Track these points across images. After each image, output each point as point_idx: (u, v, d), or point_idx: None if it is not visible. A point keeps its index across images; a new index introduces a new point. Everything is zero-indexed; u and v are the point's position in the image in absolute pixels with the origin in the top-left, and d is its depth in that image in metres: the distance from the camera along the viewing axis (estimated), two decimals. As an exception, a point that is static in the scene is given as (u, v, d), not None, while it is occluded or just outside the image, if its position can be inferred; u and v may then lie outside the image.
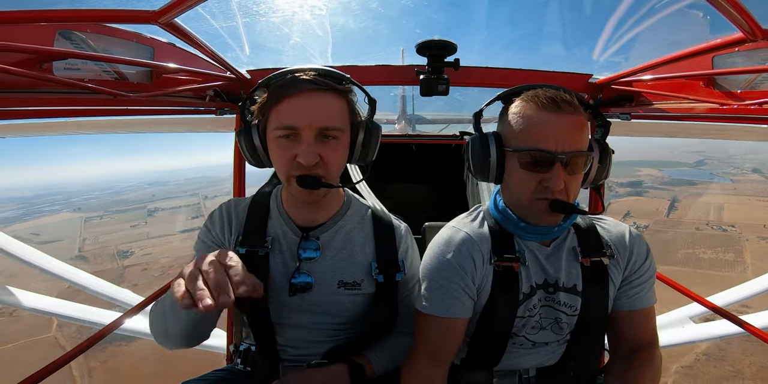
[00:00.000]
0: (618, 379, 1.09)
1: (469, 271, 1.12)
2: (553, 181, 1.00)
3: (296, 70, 1.06)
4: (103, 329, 1.43)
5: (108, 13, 0.90)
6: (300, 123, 1.02)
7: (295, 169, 1.06)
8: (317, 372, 1.14)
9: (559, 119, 1.00)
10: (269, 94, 1.06)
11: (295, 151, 1.04)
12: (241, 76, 1.89)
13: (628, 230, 1.22)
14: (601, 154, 1.12)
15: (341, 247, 1.22)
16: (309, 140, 1.03)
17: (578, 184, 1.07)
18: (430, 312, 1.12)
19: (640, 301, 1.16)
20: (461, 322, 1.13)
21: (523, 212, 1.12)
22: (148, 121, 2.64)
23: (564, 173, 1.01)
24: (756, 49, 1.23)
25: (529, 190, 1.05)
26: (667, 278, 1.85)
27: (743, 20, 0.77)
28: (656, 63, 1.37)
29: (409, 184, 3.40)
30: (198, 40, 1.17)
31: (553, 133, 1.00)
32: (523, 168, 1.05)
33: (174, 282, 0.81)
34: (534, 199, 1.06)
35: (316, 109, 1.04)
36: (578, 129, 1.02)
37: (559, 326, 1.17)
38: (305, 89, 1.03)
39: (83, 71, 1.25)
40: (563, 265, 1.15)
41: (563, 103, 1.00)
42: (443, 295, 1.11)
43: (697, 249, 49.12)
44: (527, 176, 1.05)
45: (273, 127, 1.05)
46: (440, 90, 1.86)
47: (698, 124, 2.24)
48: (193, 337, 1.07)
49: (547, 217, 1.07)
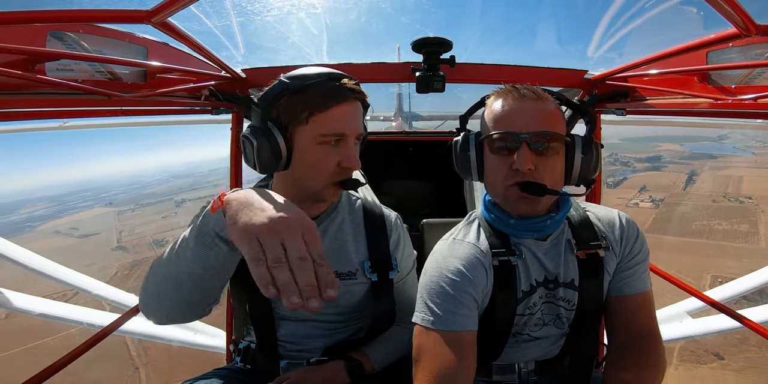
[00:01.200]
0: (616, 376, 1.07)
1: (480, 280, 1.10)
2: (521, 162, 1.01)
3: (329, 75, 1.05)
4: (103, 329, 1.44)
5: (100, 13, 0.89)
6: (349, 130, 1.06)
7: (337, 174, 1.09)
8: (316, 370, 1.15)
9: (523, 105, 1.04)
10: (308, 99, 1.02)
11: (339, 156, 1.07)
12: (236, 75, 1.88)
13: (618, 215, 1.22)
14: (585, 147, 1.10)
15: (334, 237, 1.23)
16: (352, 146, 1.08)
17: (554, 168, 1.06)
18: (442, 327, 1.03)
19: (630, 286, 1.15)
20: (473, 336, 1.07)
21: (501, 202, 1.13)
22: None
23: (531, 154, 1.02)
24: (750, 45, 1.23)
25: (501, 176, 1.07)
26: (664, 272, 1.86)
27: (736, 15, 0.77)
28: (651, 58, 1.37)
29: (407, 181, 3.41)
30: (192, 40, 1.16)
31: (517, 116, 1.04)
32: (493, 154, 1.08)
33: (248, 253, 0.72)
34: (507, 186, 1.06)
35: (357, 117, 1.10)
36: (544, 114, 1.04)
37: (560, 321, 1.18)
38: (351, 98, 1.06)
39: (76, 72, 1.24)
40: (562, 260, 1.15)
41: (527, 91, 1.05)
42: (456, 307, 1.05)
43: (713, 220, 49.30)
44: (498, 162, 1.07)
45: (317, 132, 1.04)
46: (436, 87, 1.86)
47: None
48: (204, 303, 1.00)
49: (521, 204, 1.07)
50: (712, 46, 1.27)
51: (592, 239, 1.16)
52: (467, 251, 1.14)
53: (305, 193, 1.13)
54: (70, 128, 3.41)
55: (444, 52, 1.83)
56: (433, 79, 1.85)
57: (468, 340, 1.05)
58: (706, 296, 1.85)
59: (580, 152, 1.09)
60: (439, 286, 1.08)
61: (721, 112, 1.51)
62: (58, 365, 1.26)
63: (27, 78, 1.04)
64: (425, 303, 1.08)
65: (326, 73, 1.05)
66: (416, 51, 1.83)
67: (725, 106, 1.33)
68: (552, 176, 1.06)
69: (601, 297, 1.15)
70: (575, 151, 1.09)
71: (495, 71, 2.00)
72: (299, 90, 1.02)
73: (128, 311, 1.64)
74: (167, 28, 0.95)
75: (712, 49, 1.33)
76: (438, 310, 1.05)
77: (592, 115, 1.15)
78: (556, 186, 1.07)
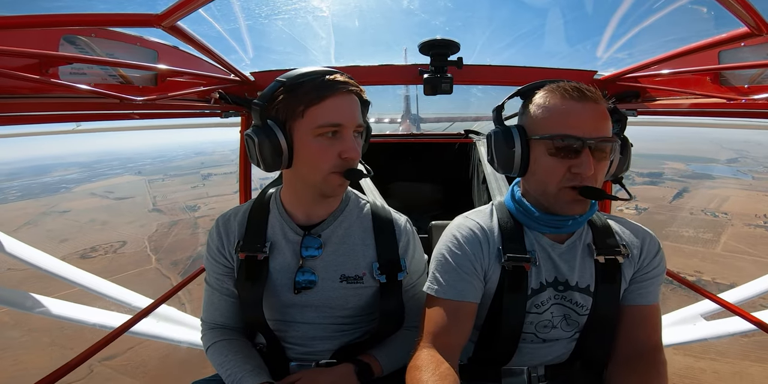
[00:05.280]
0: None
1: (478, 256, 1.14)
2: (584, 167, 0.99)
3: (324, 71, 1.08)
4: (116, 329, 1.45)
5: (111, 18, 0.90)
6: (345, 121, 1.07)
7: (339, 165, 1.09)
8: (325, 372, 1.15)
9: (585, 107, 1.01)
10: (303, 94, 1.05)
11: (338, 148, 1.07)
12: (245, 79, 1.90)
13: (642, 228, 1.22)
14: (621, 145, 1.12)
15: (341, 242, 1.23)
16: (351, 137, 1.09)
17: (604, 172, 1.07)
18: (442, 295, 1.11)
19: (643, 297, 1.14)
20: (472, 308, 1.12)
21: (549, 201, 1.10)
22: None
23: (593, 159, 1.01)
24: (762, 44, 1.22)
25: (558, 177, 1.05)
26: (678, 276, 1.84)
27: (747, 15, 0.77)
28: (662, 58, 1.36)
29: (415, 183, 3.41)
30: (201, 43, 1.17)
31: (581, 119, 1.01)
32: (551, 155, 1.05)
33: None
34: (562, 187, 1.05)
35: (354, 108, 1.10)
36: (603, 117, 1.03)
37: (567, 323, 1.17)
38: (344, 90, 1.07)
39: (89, 76, 1.27)
40: (577, 264, 1.15)
41: (588, 91, 1.02)
42: (456, 278, 1.12)
43: (682, 228, 52.69)
44: (556, 163, 1.04)
45: (313, 125, 1.05)
46: (444, 89, 1.86)
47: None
48: None
49: (575, 206, 1.06)
50: (723, 46, 1.25)
51: (613, 245, 1.15)
52: (472, 226, 1.19)
53: (312, 190, 1.15)
54: (83, 131, 3.47)
55: (451, 54, 1.83)
56: (440, 81, 1.85)
57: (465, 309, 1.11)
58: (720, 298, 1.83)
59: (618, 153, 1.10)
60: (443, 258, 1.16)
61: (733, 112, 1.49)
62: (71, 365, 1.27)
63: (41, 82, 1.06)
64: (432, 273, 1.17)
65: (319, 70, 1.08)
66: (423, 53, 1.83)
67: (738, 106, 1.31)
68: (602, 178, 1.07)
69: (616, 303, 1.14)
70: (615, 152, 1.10)
71: (503, 72, 1.99)
72: (294, 87, 1.06)
73: (139, 312, 1.65)
74: (177, 32, 0.96)
75: (723, 48, 1.32)
76: (441, 280, 1.13)
77: (623, 115, 1.15)
78: (599, 186, 1.08)
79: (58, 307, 2.91)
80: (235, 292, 1.24)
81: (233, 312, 1.27)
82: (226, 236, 1.25)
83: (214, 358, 1.19)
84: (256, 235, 1.22)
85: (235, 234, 1.24)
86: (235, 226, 1.25)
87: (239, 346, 1.21)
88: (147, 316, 1.61)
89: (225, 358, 1.15)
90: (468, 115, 5.54)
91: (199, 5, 0.81)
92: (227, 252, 1.24)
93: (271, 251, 1.20)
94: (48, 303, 2.86)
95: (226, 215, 1.29)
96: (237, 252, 1.20)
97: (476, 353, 1.23)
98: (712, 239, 49.02)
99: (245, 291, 1.20)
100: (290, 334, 1.24)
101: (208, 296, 1.28)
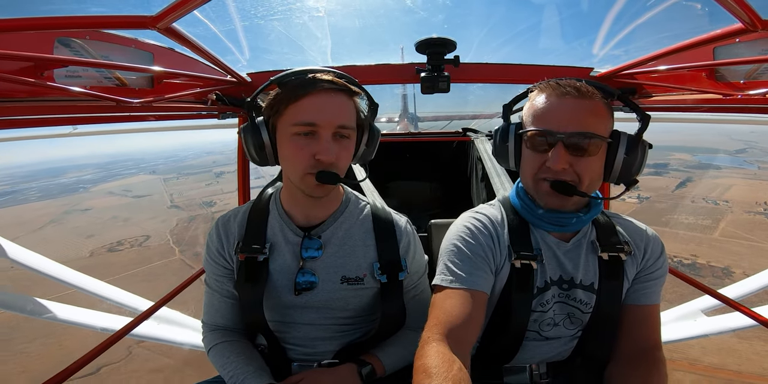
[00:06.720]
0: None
1: (492, 248, 1.15)
2: (552, 161, 1.02)
3: (310, 70, 1.08)
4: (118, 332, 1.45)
5: (105, 20, 0.90)
6: (320, 120, 1.04)
7: (312, 166, 1.07)
8: (327, 373, 1.15)
9: (563, 102, 1.02)
10: (285, 92, 1.06)
11: (313, 148, 1.05)
12: (241, 79, 1.89)
13: (646, 229, 1.22)
14: (630, 147, 1.06)
15: (342, 243, 1.23)
16: (328, 138, 1.05)
17: (592, 168, 1.04)
18: (458, 285, 1.07)
19: (645, 297, 1.15)
20: (485, 298, 1.09)
21: (531, 193, 1.15)
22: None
23: (567, 154, 1.01)
24: (757, 40, 1.22)
25: (533, 170, 1.09)
26: (679, 272, 1.84)
27: (742, 11, 0.77)
28: (658, 54, 1.36)
29: (414, 182, 3.40)
30: (197, 44, 1.17)
31: (557, 114, 1.03)
32: (528, 148, 1.10)
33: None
34: (537, 179, 1.09)
35: (335, 108, 1.06)
36: (584, 112, 1.01)
37: (570, 321, 1.17)
38: (325, 88, 1.05)
39: (84, 78, 1.26)
40: (582, 262, 1.15)
41: (571, 88, 1.02)
42: (471, 266, 1.10)
43: (681, 215, 54.47)
44: (532, 156, 1.09)
45: (290, 123, 1.05)
46: (441, 87, 1.86)
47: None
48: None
49: (550, 198, 1.08)
50: (718, 42, 1.25)
51: (616, 242, 1.16)
52: (483, 219, 1.21)
53: (296, 188, 1.15)
54: (80, 135, 3.46)
55: (448, 53, 1.83)
56: (437, 80, 1.85)
57: (480, 300, 1.07)
58: (720, 294, 1.83)
59: (623, 152, 1.06)
60: (455, 247, 1.15)
61: (730, 108, 1.49)
62: (72, 369, 1.27)
63: (36, 85, 1.05)
64: (444, 264, 1.14)
65: (309, 69, 1.08)
66: (420, 52, 1.83)
67: (734, 101, 1.31)
68: (589, 175, 1.05)
69: (619, 300, 1.15)
70: (618, 151, 1.06)
71: (500, 70, 1.99)
72: (281, 85, 1.07)
73: (140, 315, 1.65)
74: (172, 34, 0.96)
75: (718, 44, 1.32)
76: (456, 269, 1.11)
77: (644, 113, 1.11)
78: (593, 185, 1.07)
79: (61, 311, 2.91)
80: (235, 293, 1.23)
81: (234, 313, 1.26)
82: (226, 238, 1.24)
83: (215, 360, 1.18)
84: (255, 237, 1.21)
85: (235, 235, 1.24)
86: (235, 227, 1.25)
87: (241, 348, 1.20)
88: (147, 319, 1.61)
89: (227, 360, 1.15)
90: (465, 113, 5.54)
91: (195, 6, 0.81)
92: (227, 253, 1.23)
93: (271, 252, 1.20)
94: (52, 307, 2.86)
95: (226, 216, 1.29)
96: (237, 253, 1.20)
97: (479, 351, 1.23)
98: (711, 225, 50.07)
99: (245, 292, 1.19)
100: (291, 335, 1.24)
101: (208, 298, 1.28)
